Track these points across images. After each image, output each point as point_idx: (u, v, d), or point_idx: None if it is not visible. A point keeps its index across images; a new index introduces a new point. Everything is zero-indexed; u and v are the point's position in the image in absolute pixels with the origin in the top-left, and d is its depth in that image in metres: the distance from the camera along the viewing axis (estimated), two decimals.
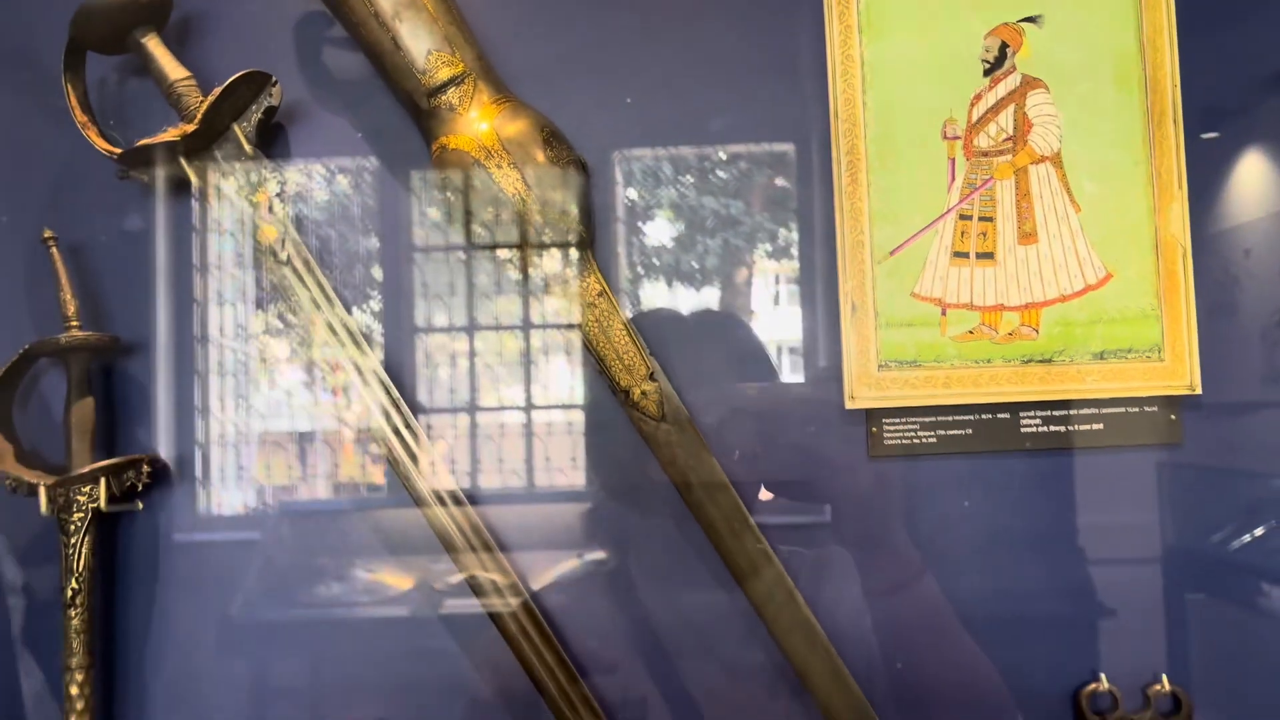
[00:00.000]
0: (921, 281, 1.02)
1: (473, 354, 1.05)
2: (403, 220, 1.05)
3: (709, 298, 1.06)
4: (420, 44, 0.95)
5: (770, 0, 1.04)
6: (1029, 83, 1.03)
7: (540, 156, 0.95)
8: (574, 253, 0.98)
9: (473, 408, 1.05)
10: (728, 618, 1.00)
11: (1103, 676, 0.99)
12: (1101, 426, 1.02)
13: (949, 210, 1.03)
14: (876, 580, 1.02)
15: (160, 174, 0.98)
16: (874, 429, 1.03)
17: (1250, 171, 1.05)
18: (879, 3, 1.03)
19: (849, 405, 1.01)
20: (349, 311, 1.00)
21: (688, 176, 1.05)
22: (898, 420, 1.02)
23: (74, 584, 0.97)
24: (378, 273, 1.06)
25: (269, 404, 1.05)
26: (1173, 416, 1.02)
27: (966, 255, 1.03)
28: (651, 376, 0.99)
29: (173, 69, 0.98)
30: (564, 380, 1.06)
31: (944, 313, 1.02)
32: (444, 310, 1.05)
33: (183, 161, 0.96)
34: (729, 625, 1.00)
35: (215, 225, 1.02)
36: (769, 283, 1.08)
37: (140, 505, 1.02)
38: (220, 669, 1.02)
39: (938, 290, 1.02)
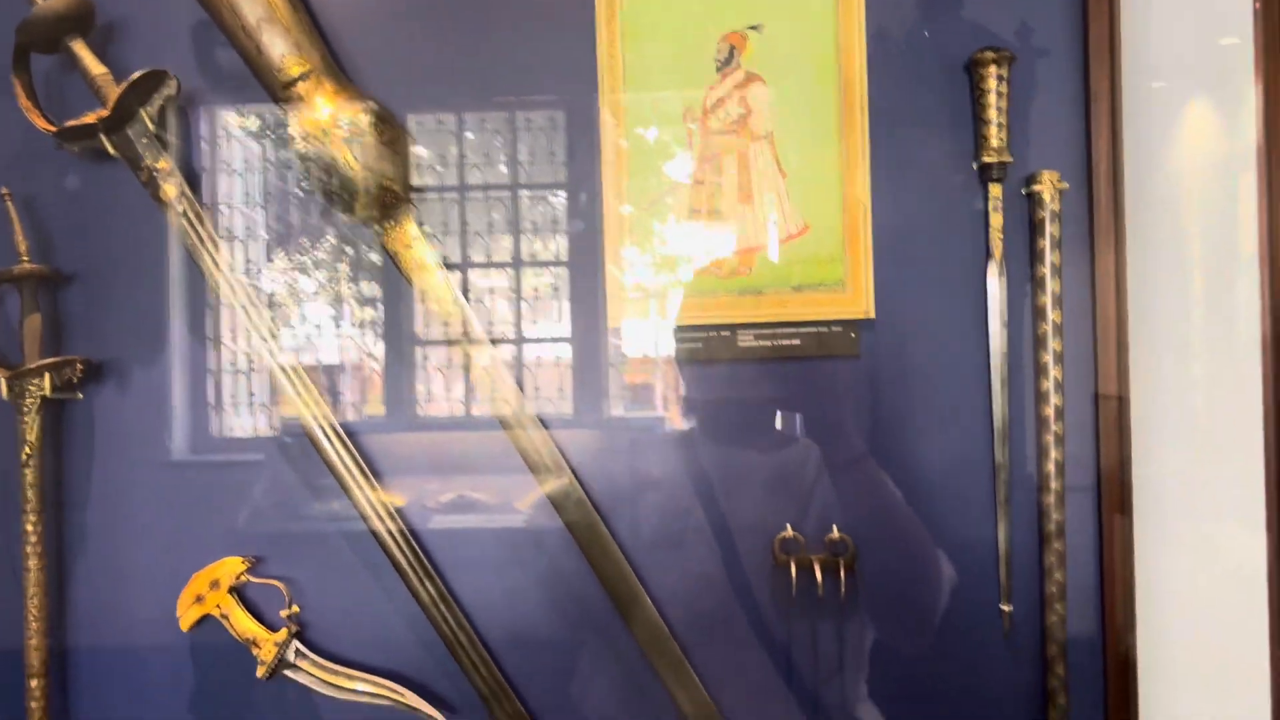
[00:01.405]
0: (666, 232, 1.35)
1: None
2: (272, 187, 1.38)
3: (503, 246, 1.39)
4: (276, 49, 1.27)
5: (547, 10, 1.35)
6: (751, 77, 1.34)
7: (368, 132, 1.28)
8: (393, 206, 1.31)
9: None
10: None
11: (788, 526, 1.33)
12: (799, 342, 1.34)
13: (686, 178, 1.34)
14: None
15: (86, 146, 1.31)
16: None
17: (927, 146, 1.36)
18: (636, 14, 1.34)
19: (611, 325, 1.35)
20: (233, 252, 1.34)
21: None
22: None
23: (27, 450, 1.32)
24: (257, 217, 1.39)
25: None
26: (852, 335, 1.34)
27: (700, 211, 1.35)
28: (455, 301, 1.32)
29: (94, 66, 1.30)
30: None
31: (681, 255, 1.34)
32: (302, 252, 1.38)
33: (102, 138, 1.29)
34: None
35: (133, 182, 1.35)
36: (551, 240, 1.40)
37: (80, 395, 1.37)
38: (146, 511, 1.37)
39: (678, 237, 1.34)
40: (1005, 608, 1.32)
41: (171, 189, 1.32)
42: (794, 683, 1.35)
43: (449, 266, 1.35)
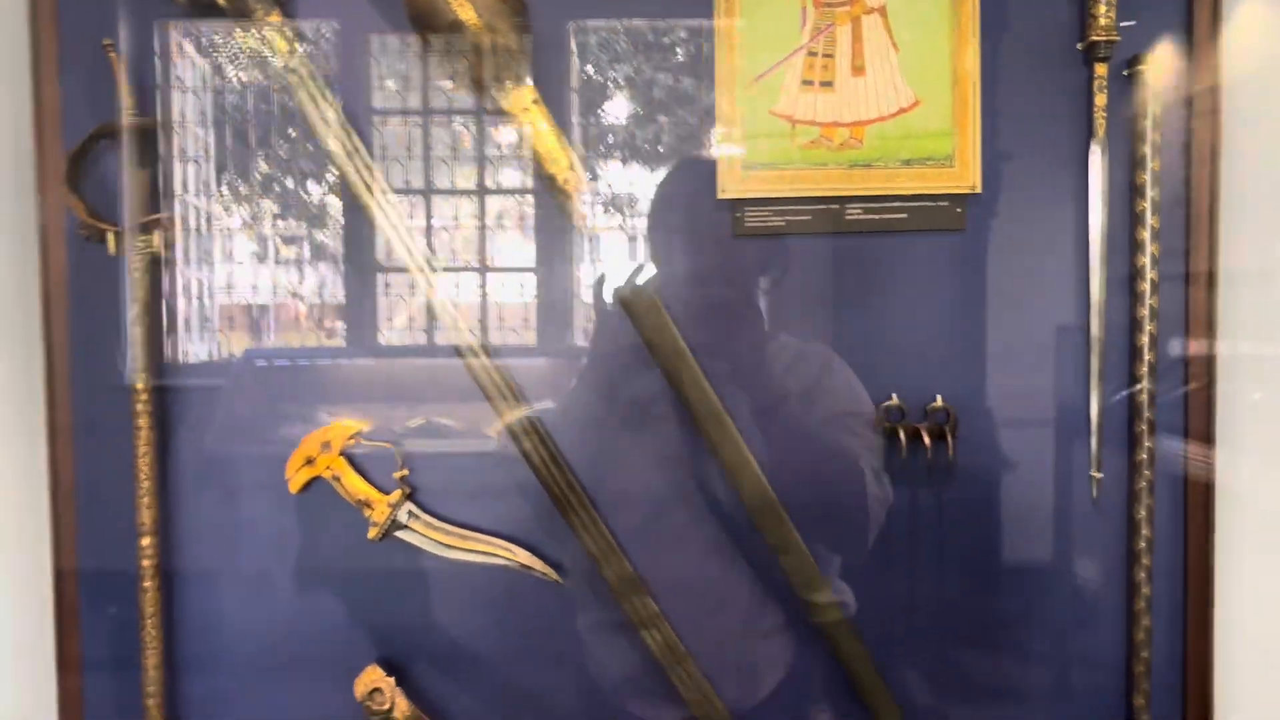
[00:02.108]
0: (778, 102, 1.36)
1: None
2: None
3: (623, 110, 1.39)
4: None
5: None
6: None
7: None
8: (511, 66, 1.30)
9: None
10: None
11: (894, 395, 1.37)
12: (906, 215, 1.37)
13: (800, 48, 1.36)
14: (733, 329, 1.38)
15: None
16: (738, 215, 1.37)
17: (1035, 22, 1.38)
18: None
19: (720, 196, 1.36)
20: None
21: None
22: (756, 208, 1.37)
23: (137, 307, 1.30)
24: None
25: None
26: (958, 209, 1.37)
27: (812, 83, 1.36)
28: (571, 167, 1.33)
29: None
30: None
31: (793, 126, 1.36)
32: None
33: None
34: None
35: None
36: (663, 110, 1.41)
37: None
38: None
39: (790, 109, 1.36)
40: (1096, 474, 1.38)
41: (283, 44, 1.30)
42: (894, 547, 1.39)
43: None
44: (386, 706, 1.32)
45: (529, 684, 1.39)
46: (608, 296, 1.33)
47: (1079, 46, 1.36)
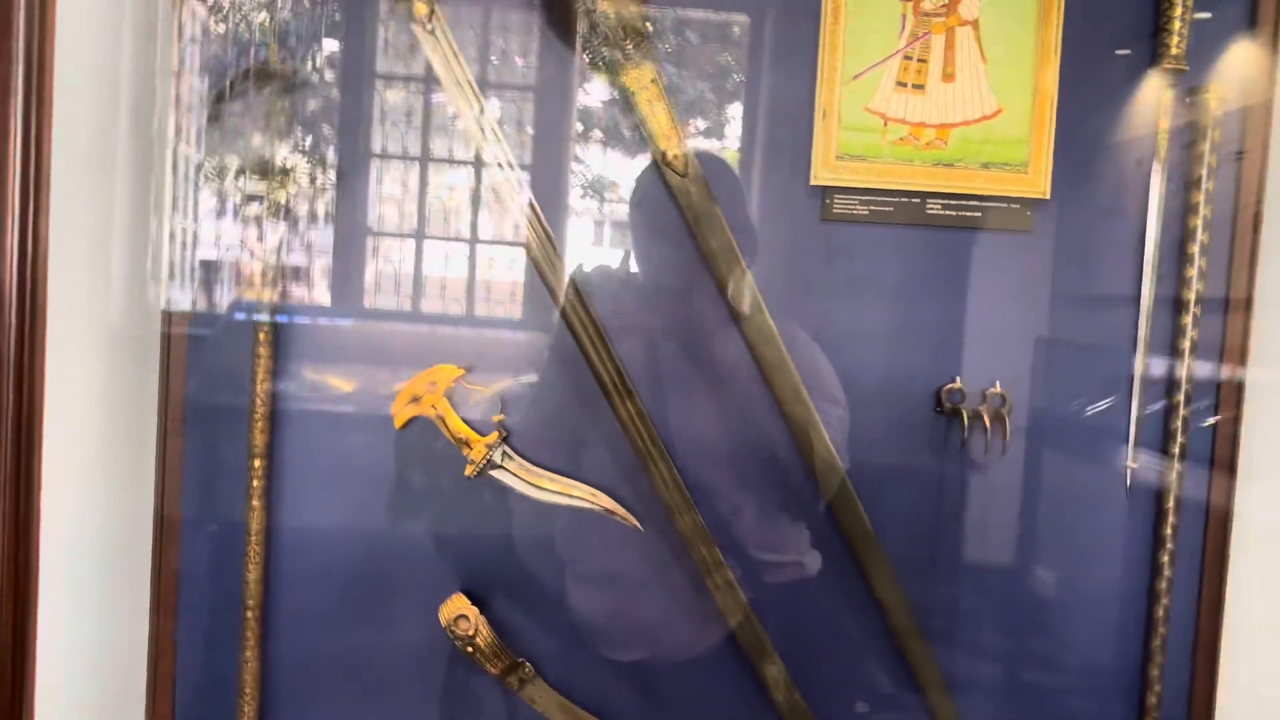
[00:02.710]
0: (873, 100, 1.47)
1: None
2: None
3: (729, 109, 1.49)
4: None
5: None
6: None
7: None
8: (636, 42, 1.39)
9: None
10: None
11: (958, 379, 1.49)
12: (980, 214, 1.49)
13: (897, 51, 1.46)
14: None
15: None
16: (827, 200, 1.48)
17: (1111, 46, 1.50)
18: None
19: (813, 182, 1.47)
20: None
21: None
22: (844, 196, 1.48)
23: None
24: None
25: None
26: (1028, 212, 1.49)
27: (906, 85, 1.47)
28: (680, 145, 1.43)
29: None
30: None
31: (885, 124, 1.47)
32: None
33: None
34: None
35: None
36: (763, 101, 1.51)
37: None
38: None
39: (883, 107, 1.47)
40: (1131, 464, 1.51)
41: (422, 6, 1.38)
42: (947, 522, 1.52)
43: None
44: (470, 633, 1.42)
45: (602, 621, 1.50)
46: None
47: (1150, 72, 1.48)
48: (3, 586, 1.20)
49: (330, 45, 1.44)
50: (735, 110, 1.50)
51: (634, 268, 1.48)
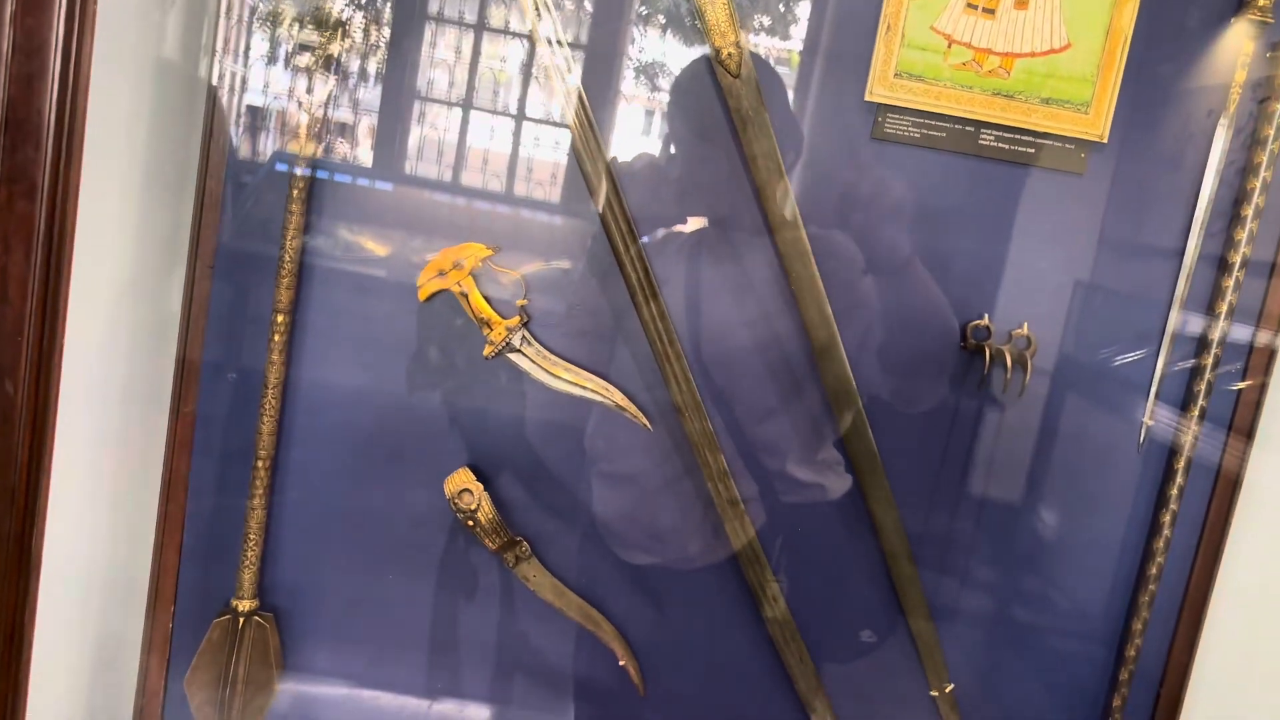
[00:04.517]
0: (941, 19, 1.42)
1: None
2: None
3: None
4: None
5: None
6: None
7: None
8: None
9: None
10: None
11: (985, 316, 1.47)
12: (1033, 150, 1.45)
13: None
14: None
15: None
16: (880, 118, 1.45)
17: None
18: None
19: (867, 98, 1.43)
20: None
21: None
22: (897, 115, 1.44)
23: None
24: None
25: None
26: (1082, 155, 1.45)
27: (976, 7, 1.42)
28: (737, 44, 1.39)
29: None
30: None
31: (949, 45, 1.42)
32: None
33: None
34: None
35: None
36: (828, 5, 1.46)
37: None
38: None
39: (950, 28, 1.42)
40: (1148, 421, 1.50)
41: None
42: (957, 456, 1.52)
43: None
44: (473, 507, 1.45)
45: (601, 511, 1.52)
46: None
47: (1231, 21, 1.42)
48: (21, 416, 1.23)
49: None
50: (800, 11, 1.45)
51: (672, 164, 1.46)
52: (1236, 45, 1.42)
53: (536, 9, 1.36)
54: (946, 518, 1.54)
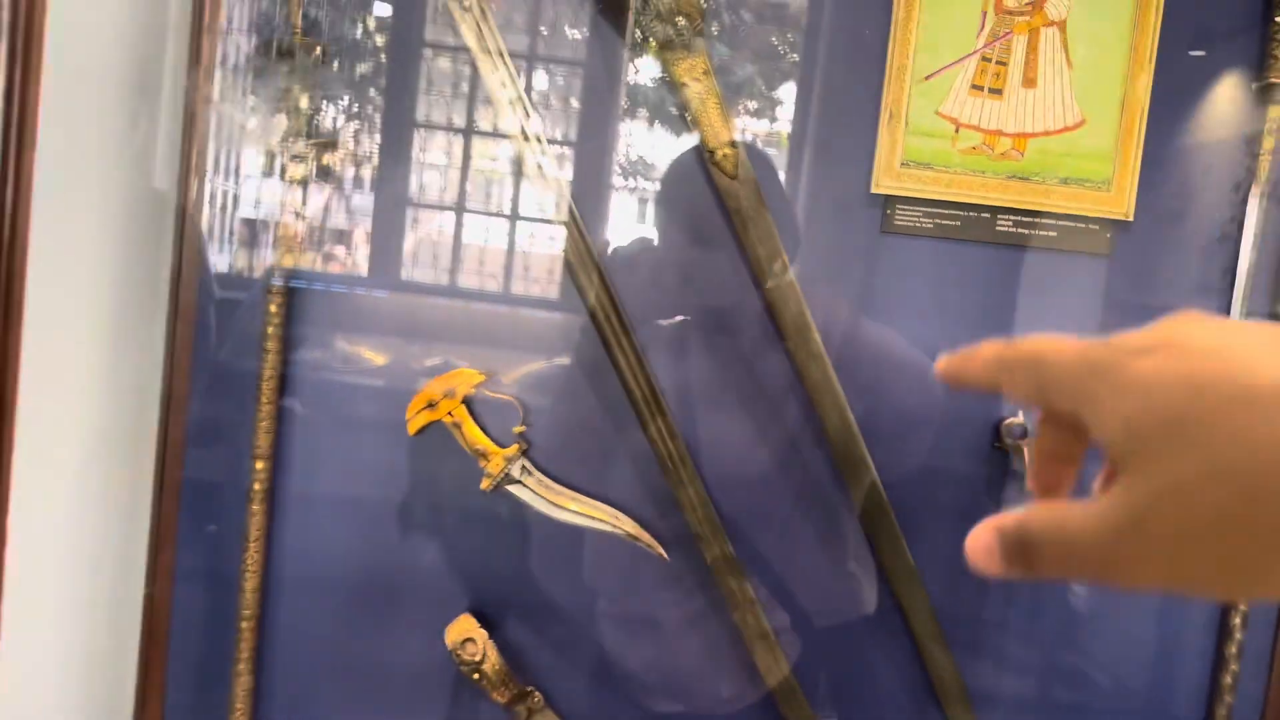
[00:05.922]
0: (945, 103, 1.34)
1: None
2: None
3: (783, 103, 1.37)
4: None
5: None
6: None
7: None
8: (690, 41, 1.28)
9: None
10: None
11: (1020, 413, 1.36)
12: (1055, 234, 1.36)
13: (975, 51, 1.33)
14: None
15: None
16: (889, 211, 1.36)
17: (1211, 58, 1.37)
18: None
19: (873, 190, 1.34)
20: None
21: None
22: (907, 207, 1.36)
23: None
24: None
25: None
26: (1108, 235, 1.36)
27: (982, 89, 1.34)
28: (732, 144, 1.31)
29: None
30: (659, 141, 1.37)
31: (957, 130, 1.34)
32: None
33: None
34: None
35: None
36: (822, 95, 1.39)
37: None
38: None
39: (956, 112, 1.34)
40: None
41: None
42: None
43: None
44: (478, 657, 1.32)
45: (619, 653, 1.39)
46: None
47: (1254, 86, 1.34)
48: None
49: (381, 9, 1.35)
50: (792, 108, 1.38)
51: (667, 260, 1.36)
52: (1260, 112, 1.34)
53: (515, 109, 1.29)
54: (994, 634, 1.41)
